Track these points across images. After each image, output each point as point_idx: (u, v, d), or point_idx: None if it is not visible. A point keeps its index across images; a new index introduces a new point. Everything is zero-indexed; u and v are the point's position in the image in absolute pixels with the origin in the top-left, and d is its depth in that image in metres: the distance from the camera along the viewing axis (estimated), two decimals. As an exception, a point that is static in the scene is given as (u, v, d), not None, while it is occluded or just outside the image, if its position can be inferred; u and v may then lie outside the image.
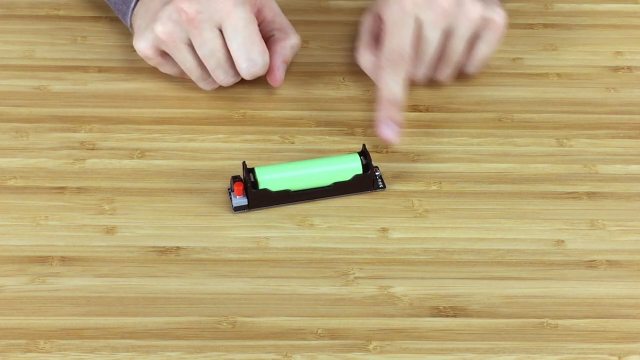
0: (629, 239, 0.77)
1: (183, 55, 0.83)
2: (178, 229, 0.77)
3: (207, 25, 0.81)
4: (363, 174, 0.79)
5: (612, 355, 0.70)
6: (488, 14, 0.84)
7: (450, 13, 0.82)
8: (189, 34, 0.82)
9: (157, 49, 0.84)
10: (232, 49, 0.82)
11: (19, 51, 0.91)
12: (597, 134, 0.85)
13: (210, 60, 0.83)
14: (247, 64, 0.82)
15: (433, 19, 0.82)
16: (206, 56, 0.82)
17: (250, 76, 0.83)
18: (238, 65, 0.83)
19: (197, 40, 0.82)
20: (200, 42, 0.82)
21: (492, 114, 0.87)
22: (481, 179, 0.81)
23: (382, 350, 0.70)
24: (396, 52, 0.82)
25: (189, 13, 0.81)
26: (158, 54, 0.84)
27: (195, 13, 0.81)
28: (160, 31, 0.82)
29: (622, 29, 0.95)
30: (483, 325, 0.71)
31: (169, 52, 0.84)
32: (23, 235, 0.76)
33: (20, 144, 0.83)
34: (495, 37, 0.85)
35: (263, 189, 0.77)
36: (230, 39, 0.82)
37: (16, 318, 0.71)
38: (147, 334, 0.70)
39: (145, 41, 0.83)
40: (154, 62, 0.85)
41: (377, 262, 0.75)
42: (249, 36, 0.82)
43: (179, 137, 0.83)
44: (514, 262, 0.75)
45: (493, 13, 0.84)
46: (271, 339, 0.70)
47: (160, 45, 0.83)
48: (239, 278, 0.74)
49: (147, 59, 0.85)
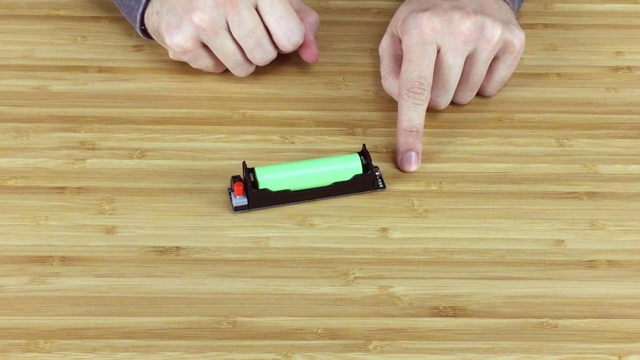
0: (629, 239, 0.77)
1: (221, 40, 0.84)
2: (178, 229, 0.77)
3: (244, 4, 0.83)
4: (363, 174, 0.79)
5: (612, 355, 0.70)
6: (508, 36, 0.83)
7: (471, 38, 0.81)
8: (226, 16, 0.83)
9: (197, 40, 0.84)
10: (270, 23, 0.84)
11: (19, 51, 0.91)
12: (597, 134, 0.85)
13: (249, 39, 0.84)
14: (289, 34, 0.84)
15: (454, 46, 0.81)
16: (244, 36, 0.84)
17: (292, 46, 0.85)
18: (278, 37, 0.84)
19: (235, 20, 0.83)
20: (239, 22, 0.83)
21: (492, 114, 0.87)
22: (481, 179, 0.81)
23: (382, 350, 0.70)
24: (416, 82, 0.81)
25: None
26: (198, 46, 0.85)
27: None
28: (200, 18, 0.83)
29: (622, 29, 0.95)
30: (483, 325, 0.71)
31: (207, 40, 0.84)
32: (23, 235, 0.76)
33: (20, 144, 0.83)
34: (515, 59, 0.84)
35: (263, 189, 0.77)
36: (269, 13, 0.84)
37: (16, 318, 0.71)
38: (147, 334, 0.70)
39: (182, 34, 0.84)
40: (191, 55, 0.85)
41: (377, 262, 0.75)
42: (285, 8, 0.84)
43: (179, 137, 0.83)
44: (514, 262, 0.75)
45: (512, 36, 0.83)
46: (271, 339, 0.70)
47: (200, 34, 0.83)
48: (239, 278, 0.74)
49: (183, 54, 0.85)
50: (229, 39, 0.84)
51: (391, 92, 0.85)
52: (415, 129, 0.81)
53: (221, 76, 0.88)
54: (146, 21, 0.87)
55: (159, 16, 0.85)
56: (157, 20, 0.85)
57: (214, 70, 0.88)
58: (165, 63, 0.89)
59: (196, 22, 0.83)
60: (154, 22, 0.86)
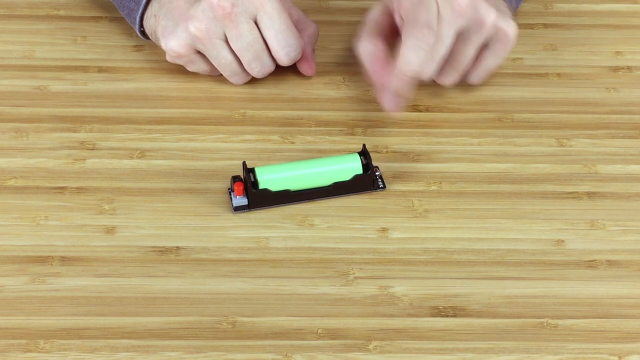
0: (629, 239, 0.77)
1: (218, 51, 0.84)
2: (178, 229, 0.77)
3: (243, 18, 0.82)
4: (363, 174, 0.79)
5: (612, 355, 0.70)
6: (501, 23, 0.82)
7: (466, 13, 0.80)
8: (224, 28, 0.82)
9: (191, 47, 0.84)
10: (269, 37, 0.84)
11: (19, 51, 0.91)
12: (597, 134, 0.85)
13: (247, 53, 0.84)
14: (287, 50, 0.84)
15: (449, 16, 0.80)
16: (242, 49, 0.83)
17: (290, 61, 0.85)
18: (276, 52, 0.84)
19: (234, 33, 0.83)
20: (237, 35, 0.83)
21: (492, 114, 0.87)
22: (481, 179, 0.81)
23: (382, 350, 0.70)
24: (424, 25, 0.79)
25: (225, 7, 0.81)
26: (192, 52, 0.84)
27: (231, 7, 0.81)
28: (196, 28, 0.82)
29: (622, 29, 0.95)
30: (483, 325, 0.71)
31: (203, 49, 0.84)
32: (23, 235, 0.76)
33: (20, 144, 0.83)
34: (504, 49, 0.84)
35: (263, 189, 0.77)
36: (268, 28, 0.83)
37: (16, 318, 0.71)
38: (147, 334, 0.70)
39: (177, 39, 0.83)
40: (185, 60, 0.85)
41: (377, 262, 0.75)
42: (285, 23, 0.84)
43: (179, 137, 0.83)
44: (514, 262, 0.75)
45: (506, 24, 0.83)
46: (271, 339, 0.70)
47: (195, 42, 0.83)
48: (239, 278, 0.74)
49: (178, 58, 0.85)
50: (226, 49, 0.84)
51: (363, 56, 0.84)
52: (411, 71, 0.80)
53: (221, 76, 0.88)
54: (145, 23, 0.87)
55: (157, 19, 0.85)
56: (155, 24, 0.85)
57: (210, 74, 0.87)
58: (165, 63, 0.89)
59: (192, 31, 0.83)
60: (152, 24, 0.86)
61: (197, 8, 0.82)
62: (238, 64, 0.85)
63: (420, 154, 0.83)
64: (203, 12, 0.82)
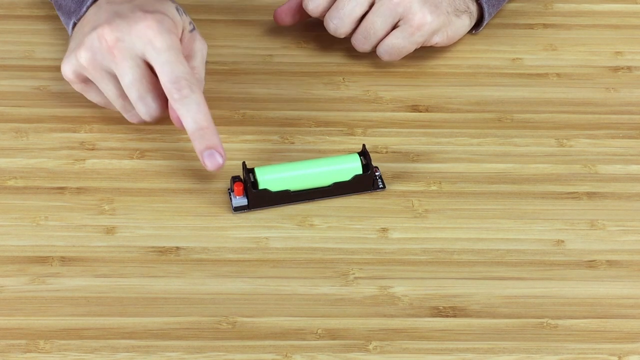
0: (629, 239, 0.77)
1: (105, 83, 0.79)
2: (178, 229, 0.77)
3: (128, 53, 0.77)
4: (363, 174, 0.79)
5: (612, 355, 0.70)
6: (414, 8, 0.84)
7: None
8: (109, 63, 0.77)
9: (80, 75, 0.79)
10: (157, 70, 0.77)
11: (19, 51, 0.91)
12: (597, 134, 0.85)
13: (131, 91, 0.77)
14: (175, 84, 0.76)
15: None
16: (126, 87, 0.77)
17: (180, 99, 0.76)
18: (163, 84, 0.76)
19: (119, 69, 0.77)
20: (122, 72, 0.77)
21: (492, 114, 0.87)
22: (481, 179, 0.81)
23: (382, 350, 0.70)
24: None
25: (109, 41, 0.76)
26: (81, 80, 0.80)
27: (114, 41, 0.77)
28: (83, 57, 0.78)
29: (622, 29, 0.95)
30: (483, 325, 0.71)
31: (92, 79, 0.79)
32: (23, 235, 0.76)
33: (20, 144, 0.83)
34: (410, 35, 0.85)
35: (263, 189, 0.77)
36: (154, 60, 0.76)
37: (16, 318, 0.71)
38: (147, 334, 0.70)
39: (69, 65, 0.79)
40: (77, 87, 0.81)
41: (377, 262, 0.75)
42: (175, 55, 0.77)
43: (179, 137, 0.83)
44: (514, 262, 0.75)
45: (420, 10, 0.85)
46: (271, 339, 0.70)
47: (83, 71, 0.79)
48: (239, 278, 0.74)
49: (70, 83, 0.81)
50: (112, 83, 0.79)
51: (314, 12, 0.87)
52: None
53: (221, 76, 0.88)
54: None
55: (71, 38, 0.82)
56: (70, 42, 0.82)
57: (107, 107, 0.82)
58: (165, 63, 0.89)
59: (79, 59, 0.78)
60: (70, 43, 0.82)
61: (89, 36, 0.78)
62: (126, 101, 0.80)
63: (420, 154, 0.83)
64: (92, 42, 0.77)
